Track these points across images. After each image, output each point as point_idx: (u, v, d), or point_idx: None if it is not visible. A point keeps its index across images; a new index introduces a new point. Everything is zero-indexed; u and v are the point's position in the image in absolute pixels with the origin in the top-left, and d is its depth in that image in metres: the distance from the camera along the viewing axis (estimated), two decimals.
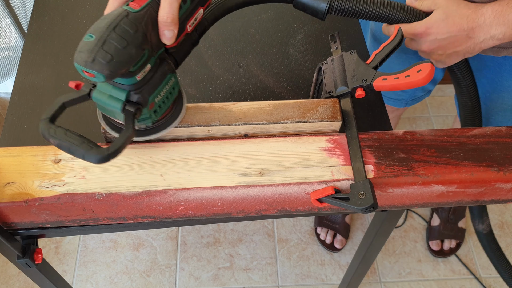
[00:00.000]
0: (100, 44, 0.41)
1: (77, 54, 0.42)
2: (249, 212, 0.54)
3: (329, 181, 0.51)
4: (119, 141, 0.45)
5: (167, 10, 0.45)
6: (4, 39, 1.00)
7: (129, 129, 0.46)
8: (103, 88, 0.47)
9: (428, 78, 0.49)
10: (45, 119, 0.45)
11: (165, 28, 0.45)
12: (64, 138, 0.44)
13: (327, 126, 0.55)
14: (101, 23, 0.43)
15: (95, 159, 0.43)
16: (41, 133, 0.45)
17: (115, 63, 0.42)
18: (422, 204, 0.55)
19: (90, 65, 0.41)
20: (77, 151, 0.44)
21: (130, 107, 0.46)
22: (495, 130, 0.56)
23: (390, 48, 0.54)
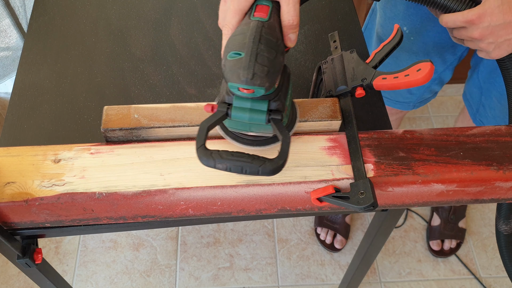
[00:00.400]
0: (254, 59, 0.42)
1: (230, 73, 0.42)
2: (249, 212, 0.54)
3: (329, 180, 0.51)
4: (285, 149, 0.44)
5: (292, 13, 0.45)
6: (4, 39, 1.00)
7: (286, 135, 0.45)
8: (241, 104, 0.46)
9: (427, 77, 0.49)
10: (201, 148, 0.44)
11: (291, 31, 0.46)
12: (234, 159, 0.43)
13: (327, 125, 0.55)
14: (242, 39, 0.43)
15: (271, 171, 0.43)
16: (204, 163, 0.44)
17: (272, 74, 0.42)
18: (422, 203, 0.55)
19: (251, 82, 0.42)
20: (252, 167, 0.43)
21: (275, 115, 0.46)
22: (495, 129, 0.56)
23: (390, 47, 0.54)
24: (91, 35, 0.74)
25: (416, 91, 0.97)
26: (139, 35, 0.74)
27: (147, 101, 0.65)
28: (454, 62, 0.90)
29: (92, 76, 0.68)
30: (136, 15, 0.77)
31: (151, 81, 0.68)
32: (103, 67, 0.69)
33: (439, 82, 0.96)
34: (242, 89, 0.43)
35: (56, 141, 0.61)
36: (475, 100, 0.96)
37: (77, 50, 0.72)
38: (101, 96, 0.66)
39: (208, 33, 0.74)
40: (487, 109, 0.92)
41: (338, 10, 0.78)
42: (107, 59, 0.70)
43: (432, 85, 0.96)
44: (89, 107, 0.65)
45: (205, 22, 0.76)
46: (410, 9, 0.81)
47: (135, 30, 0.74)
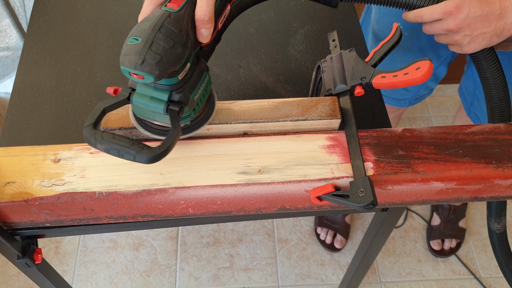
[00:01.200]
0: (148, 46, 0.42)
1: (123, 57, 0.42)
2: (249, 210, 0.54)
3: (328, 178, 0.51)
4: (168, 140, 0.45)
5: (205, 8, 0.45)
6: (4, 39, 1.00)
7: (177, 127, 0.46)
8: (143, 90, 0.47)
9: (427, 75, 0.49)
10: (89, 126, 0.45)
11: (203, 26, 0.46)
12: (112, 141, 0.43)
13: (326, 124, 0.55)
14: (145, 25, 0.43)
15: (147, 159, 0.43)
16: (87, 140, 0.44)
17: (164, 63, 0.42)
18: (421, 201, 0.55)
19: (140, 67, 0.42)
20: (128, 153, 0.43)
21: (174, 107, 0.46)
22: (494, 127, 0.56)
23: (389, 46, 0.55)
24: (91, 35, 0.74)
25: (412, 87, 0.97)
26: None
27: None
28: (448, 57, 0.90)
29: (92, 76, 0.68)
30: (136, 15, 0.77)
31: None
32: (103, 67, 0.69)
33: (435, 79, 0.96)
34: (133, 73, 0.43)
35: (56, 141, 0.61)
36: (469, 94, 0.96)
37: (77, 50, 0.72)
38: (101, 96, 0.66)
39: None
40: (481, 102, 0.92)
41: (338, 10, 0.78)
42: (107, 59, 0.71)
43: (428, 81, 0.96)
44: (89, 107, 0.65)
45: None
46: None
47: None
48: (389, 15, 0.84)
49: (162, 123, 0.50)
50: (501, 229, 0.76)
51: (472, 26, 0.55)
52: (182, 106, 0.47)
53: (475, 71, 0.91)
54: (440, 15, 0.55)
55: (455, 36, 0.57)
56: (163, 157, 0.44)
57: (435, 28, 0.57)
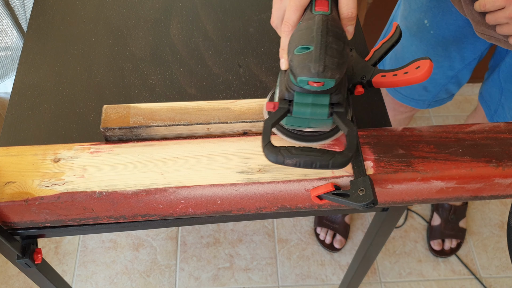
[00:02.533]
0: (324, 51, 0.42)
1: (300, 68, 0.43)
2: (249, 210, 0.54)
3: (328, 177, 0.51)
4: (352, 142, 0.44)
5: (351, 5, 0.46)
6: (4, 38, 1.00)
7: (352, 126, 0.45)
8: (303, 99, 0.46)
9: (426, 74, 0.49)
10: (268, 145, 0.44)
11: (350, 24, 0.47)
12: (303, 154, 0.43)
13: None
14: (309, 33, 0.43)
15: (342, 163, 0.43)
16: (272, 159, 0.44)
17: (341, 65, 0.43)
18: (421, 200, 0.55)
19: (322, 74, 0.42)
20: (323, 162, 0.43)
21: (338, 108, 0.46)
22: (494, 126, 0.56)
23: (389, 45, 0.55)
24: (91, 35, 0.74)
25: (432, 88, 0.95)
26: (138, 35, 0.74)
27: (147, 100, 0.65)
28: (473, 62, 0.88)
29: (92, 76, 0.68)
30: (135, 14, 0.77)
31: (151, 81, 0.68)
32: (103, 67, 0.69)
33: (456, 82, 0.93)
34: (312, 82, 0.43)
35: (55, 140, 0.61)
36: (494, 101, 0.92)
37: (77, 49, 0.72)
38: (100, 96, 0.66)
39: (208, 33, 0.75)
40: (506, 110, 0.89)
41: None
42: (106, 59, 0.70)
43: (449, 84, 0.93)
44: (88, 107, 0.65)
45: (205, 21, 0.76)
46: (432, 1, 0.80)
47: (135, 30, 0.74)
48: (417, 11, 0.83)
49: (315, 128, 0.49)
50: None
51: None
52: (343, 105, 0.47)
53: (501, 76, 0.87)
54: (503, 3, 0.54)
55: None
56: (352, 159, 0.45)
57: (498, 17, 0.56)
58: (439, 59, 0.86)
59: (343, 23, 0.47)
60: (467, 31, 0.80)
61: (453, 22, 0.80)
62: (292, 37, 0.45)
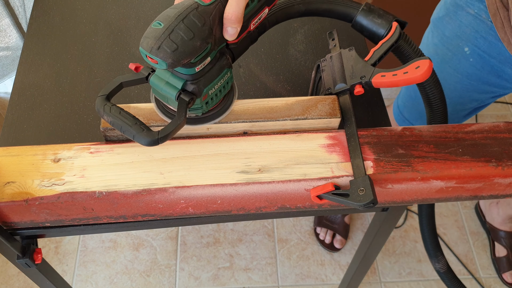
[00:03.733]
0: (168, 33, 0.43)
1: (143, 39, 0.43)
2: (249, 210, 0.54)
3: (328, 177, 0.51)
4: (170, 126, 0.46)
5: (234, 8, 0.45)
6: (4, 38, 1.00)
7: (181, 117, 0.47)
8: (161, 74, 0.48)
9: (426, 74, 0.49)
10: (102, 96, 0.46)
11: (229, 25, 0.46)
12: (118, 116, 0.45)
13: (326, 123, 0.55)
14: (171, 12, 0.44)
15: (145, 141, 0.45)
16: (96, 109, 0.46)
17: (179, 53, 0.43)
18: (421, 200, 0.55)
19: (155, 52, 0.42)
20: (129, 131, 0.45)
21: (184, 96, 0.47)
22: (493, 126, 0.56)
23: (389, 45, 0.55)
24: (91, 35, 0.74)
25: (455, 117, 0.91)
26: (138, 35, 0.74)
27: (147, 101, 0.65)
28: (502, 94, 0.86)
29: (92, 76, 0.68)
30: (135, 15, 0.77)
31: None
32: (103, 67, 0.70)
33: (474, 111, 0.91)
34: (148, 57, 0.43)
35: (55, 140, 0.61)
36: None
37: (77, 50, 0.72)
38: None
39: None
40: None
41: None
42: (106, 59, 0.71)
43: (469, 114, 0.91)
44: (88, 107, 0.65)
45: None
46: (478, 32, 0.77)
47: (135, 30, 0.74)
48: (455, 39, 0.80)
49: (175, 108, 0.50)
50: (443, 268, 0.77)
51: None
52: (193, 97, 0.48)
53: None
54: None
55: None
56: (162, 142, 0.45)
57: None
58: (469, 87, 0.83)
59: (224, 23, 0.46)
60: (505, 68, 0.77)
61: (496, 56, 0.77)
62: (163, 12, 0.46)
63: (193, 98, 0.48)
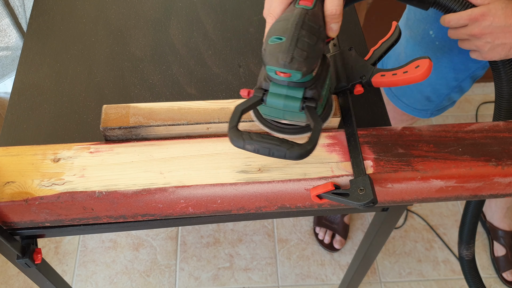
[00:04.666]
0: (294, 43, 0.43)
1: (269, 57, 0.43)
2: (249, 209, 0.54)
3: (328, 177, 0.51)
4: (315, 136, 0.45)
5: (336, 3, 0.46)
6: (4, 38, 1.00)
7: (319, 122, 0.46)
8: (278, 90, 0.47)
9: (426, 73, 0.49)
10: (233, 128, 0.45)
11: (333, 21, 0.47)
12: (262, 141, 0.44)
13: (326, 122, 0.55)
14: (286, 24, 0.44)
15: (299, 155, 0.44)
16: (234, 143, 0.45)
17: (311, 59, 0.43)
18: (421, 199, 0.55)
19: (289, 65, 0.42)
20: (280, 151, 0.44)
21: (310, 103, 0.47)
22: (493, 125, 0.56)
23: (388, 44, 0.55)
24: (91, 34, 0.74)
25: (436, 98, 0.95)
26: (138, 34, 0.74)
27: (147, 100, 0.65)
28: (477, 71, 0.88)
29: (92, 76, 0.68)
30: (135, 14, 0.77)
31: (151, 81, 0.68)
32: (103, 67, 0.70)
33: (459, 91, 0.94)
34: (279, 72, 0.43)
35: (55, 140, 0.61)
36: None
37: (77, 49, 0.72)
38: (100, 96, 0.66)
39: (208, 32, 0.75)
40: None
41: None
42: (106, 59, 0.71)
43: (452, 93, 0.94)
44: (88, 107, 0.65)
45: (204, 21, 0.76)
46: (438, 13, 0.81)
47: (135, 30, 0.74)
48: (423, 22, 0.83)
49: (291, 121, 0.50)
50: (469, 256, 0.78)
51: (494, 35, 0.57)
52: (317, 101, 0.47)
53: None
54: (466, 21, 0.57)
55: (477, 42, 0.59)
56: (311, 152, 0.45)
57: (459, 33, 0.59)
58: (444, 70, 0.87)
59: (327, 20, 0.47)
60: None
61: None
62: (271, 27, 0.46)
63: (317, 103, 0.47)
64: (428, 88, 0.94)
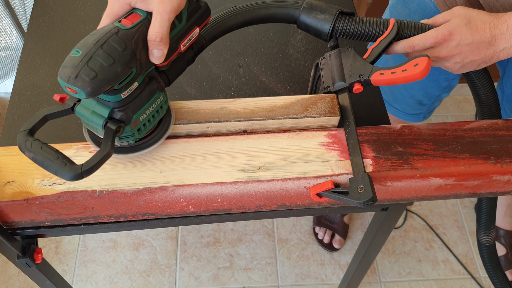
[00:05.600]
0: (86, 61, 0.41)
1: (61, 69, 0.42)
2: (249, 208, 0.54)
3: (328, 175, 0.51)
4: (95, 159, 0.43)
5: (157, 29, 0.44)
6: (4, 38, 1.01)
7: (107, 147, 0.44)
8: (87, 103, 0.46)
9: (425, 72, 0.49)
10: (24, 131, 0.44)
11: (154, 47, 0.44)
12: (39, 152, 0.43)
13: (326, 121, 0.56)
14: (90, 39, 0.42)
15: (68, 176, 0.42)
16: (18, 145, 0.44)
17: (98, 80, 0.41)
18: (420, 197, 0.55)
19: (72, 81, 0.41)
20: (51, 166, 0.42)
21: (111, 125, 0.45)
22: (492, 123, 0.56)
23: (387, 43, 0.55)
24: None
25: (428, 101, 0.95)
26: None
27: None
28: None
29: None
30: None
31: None
32: None
33: (449, 90, 0.94)
34: (67, 87, 0.42)
35: (55, 140, 0.61)
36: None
37: None
38: None
39: None
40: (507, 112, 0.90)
41: None
42: None
43: (443, 93, 0.94)
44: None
45: None
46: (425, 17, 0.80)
47: None
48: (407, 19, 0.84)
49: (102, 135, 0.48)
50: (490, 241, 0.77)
51: (463, 54, 0.55)
52: (121, 125, 0.46)
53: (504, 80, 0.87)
54: (432, 44, 0.55)
55: (446, 63, 0.56)
56: (86, 176, 0.43)
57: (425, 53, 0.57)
58: (435, 72, 0.87)
59: (149, 45, 0.44)
60: None
61: None
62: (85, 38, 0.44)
63: (121, 126, 0.46)
64: (420, 92, 0.94)
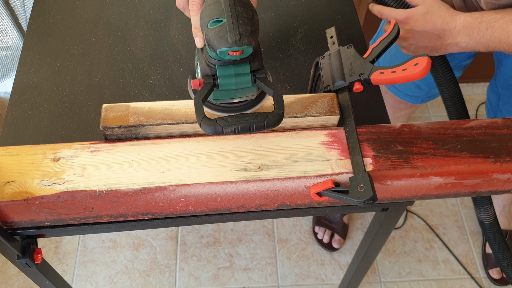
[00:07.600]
0: (236, 22, 0.43)
1: (217, 40, 0.44)
2: (249, 207, 0.54)
3: (328, 174, 0.51)
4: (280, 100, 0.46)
5: None
6: (4, 38, 1.01)
7: (276, 88, 0.47)
8: (225, 71, 0.48)
9: (425, 71, 0.50)
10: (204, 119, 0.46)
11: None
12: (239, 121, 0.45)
13: (325, 120, 0.56)
14: (219, 6, 0.44)
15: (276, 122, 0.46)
16: (211, 131, 0.46)
17: (255, 32, 0.44)
18: (420, 196, 0.55)
19: (239, 43, 0.43)
20: (259, 123, 0.45)
21: (259, 74, 0.48)
22: (491, 122, 0.56)
23: (387, 42, 0.55)
24: (91, 34, 0.74)
25: (425, 87, 0.97)
26: (138, 34, 0.74)
27: (147, 100, 0.65)
28: (463, 60, 0.89)
29: (92, 76, 0.69)
30: (135, 14, 0.77)
31: (151, 81, 0.68)
32: (103, 67, 0.70)
33: None
34: (232, 52, 0.44)
35: (55, 140, 0.61)
36: (493, 106, 0.96)
37: (77, 49, 0.72)
38: (100, 96, 0.66)
39: None
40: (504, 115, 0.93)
41: (338, 10, 0.79)
42: (106, 59, 0.71)
43: None
44: (88, 106, 0.65)
45: None
46: None
47: (135, 30, 0.75)
48: None
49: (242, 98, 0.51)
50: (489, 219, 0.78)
51: (416, 38, 0.63)
52: (263, 70, 0.49)
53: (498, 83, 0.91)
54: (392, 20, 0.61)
55: (403, 42, 0.65)
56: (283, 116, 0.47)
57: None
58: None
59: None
60: None
61: None
62: (202, 14, 0.46)
63: (264, 72, 0.48)
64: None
